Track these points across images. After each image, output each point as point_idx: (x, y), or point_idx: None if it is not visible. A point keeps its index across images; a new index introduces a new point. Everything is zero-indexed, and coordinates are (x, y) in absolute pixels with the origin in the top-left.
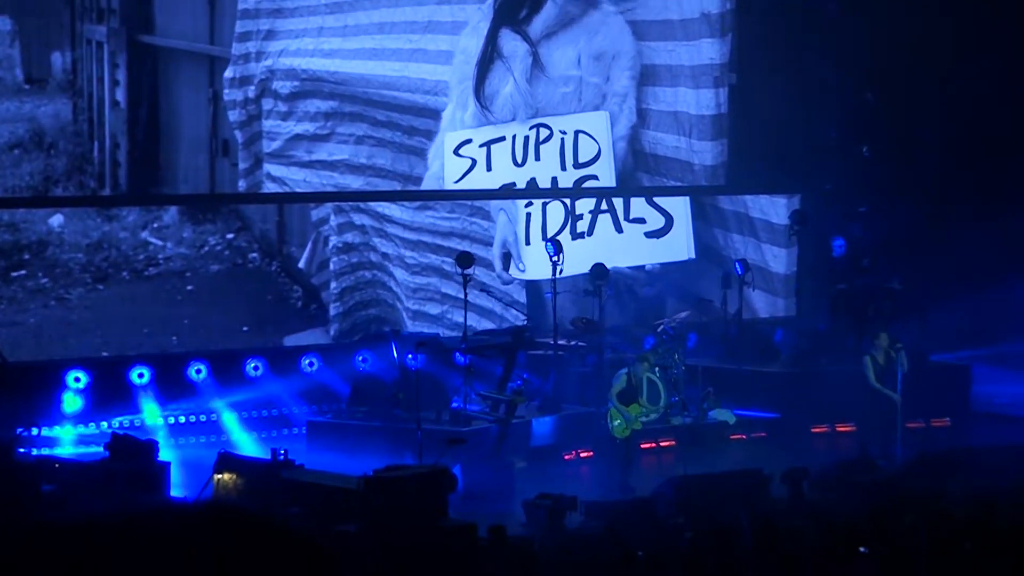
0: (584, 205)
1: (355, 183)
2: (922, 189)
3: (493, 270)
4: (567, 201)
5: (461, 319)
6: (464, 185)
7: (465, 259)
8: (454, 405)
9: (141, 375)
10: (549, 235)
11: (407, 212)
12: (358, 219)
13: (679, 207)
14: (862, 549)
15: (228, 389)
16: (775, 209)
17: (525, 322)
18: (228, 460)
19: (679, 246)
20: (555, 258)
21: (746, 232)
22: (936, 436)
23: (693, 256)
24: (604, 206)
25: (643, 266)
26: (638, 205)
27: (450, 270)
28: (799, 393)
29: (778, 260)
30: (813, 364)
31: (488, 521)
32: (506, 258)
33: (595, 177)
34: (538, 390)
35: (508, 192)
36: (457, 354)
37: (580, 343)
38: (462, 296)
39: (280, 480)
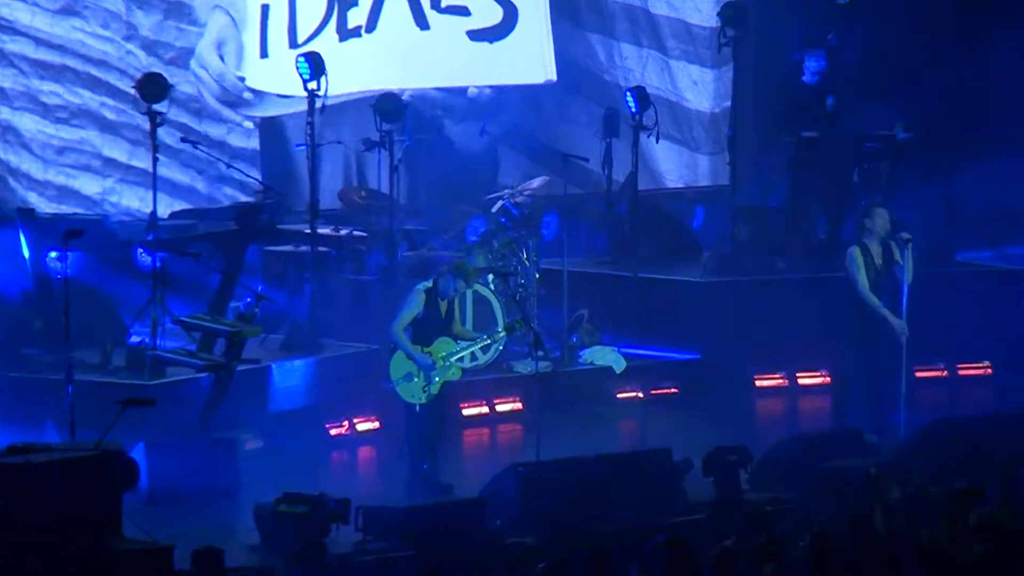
0: None
1: None
2: None
3: (199, 116)
4: None
5: (141, 202)
6: None
7: (153, 86)
8: (134, 339)
9: None
10: (302, 39)
11: (43, 18)
12: None
13: None
14: None
15: None
16: (694, 0)
17: (261, 195)
18: None
19: (528, 59)
20: (313, 84)
21: (645, 41)
22: (965, 392)
23: (553, 78)
24: None
25: (464, 90)
26: None
27: (117, 119)
28: (735, 318)
29: (700, 90)
30: (758, 267)
31: (195, 541)
32: (220, 82)
33: None
34: (283, 313)
35: None
36: (140, 251)
37: (357, 230)
38: (147, 159)
39: None
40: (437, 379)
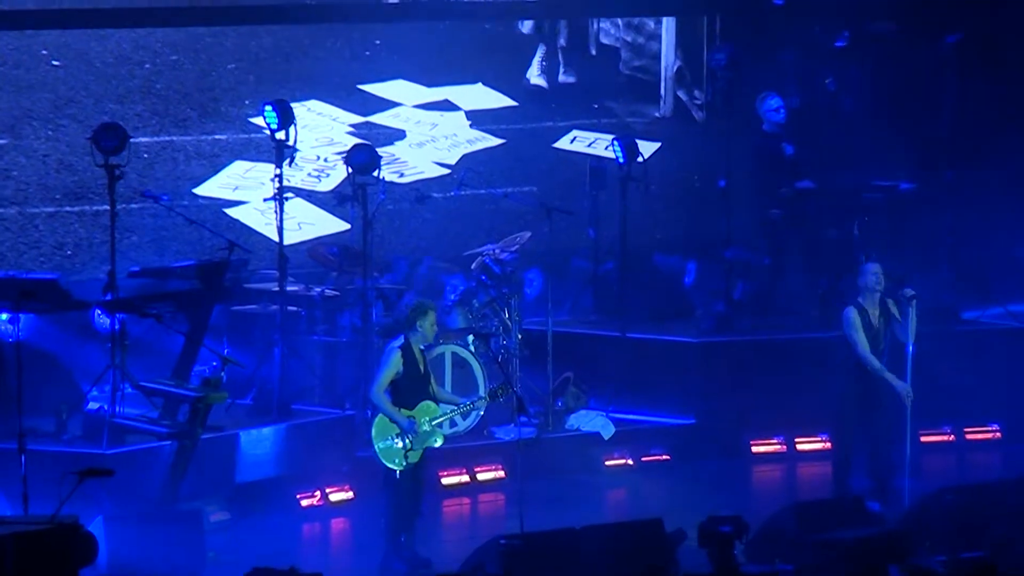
0: None
1: None
2: None
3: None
4: None
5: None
6: None
7: (111, 137)
8: (92, 406)
9: None
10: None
11: None
12: None
13: None
14: None
15: None
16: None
17: (226, 252)
18: None
19: None
20: (281, 134)
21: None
22: (973, 457)
23: None
24: None
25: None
26: None
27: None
28: (730, 380)
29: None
30: (753, 327)
31: None
32: None
33: None
34: (251, 377)
35: None
36: (98, 312)
37: (329, 289)
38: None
39: None
40: (419, 445)
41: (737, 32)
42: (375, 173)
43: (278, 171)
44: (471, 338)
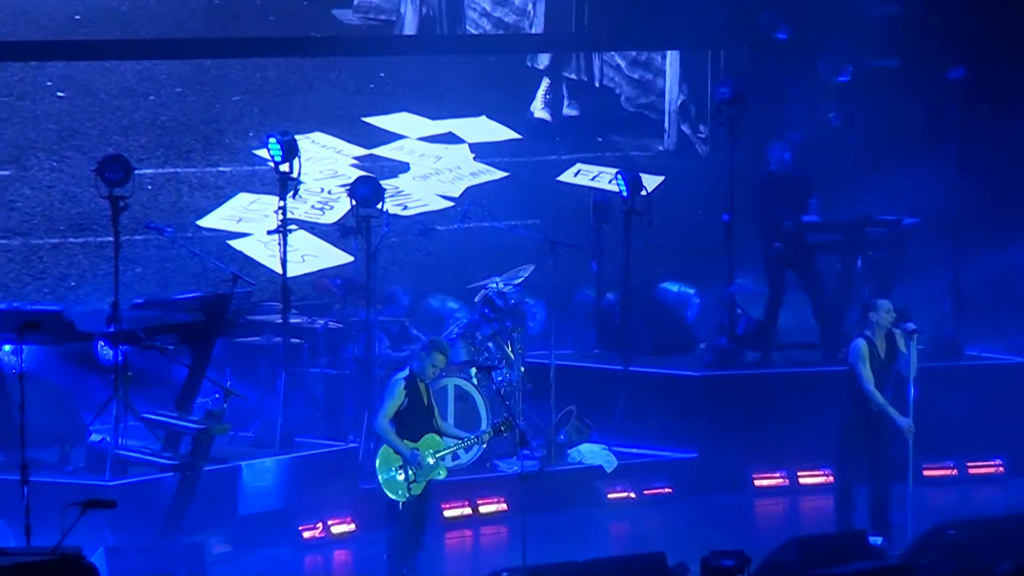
0: None
1: None
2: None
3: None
4: None
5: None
6: None
7: (116, 169)
8: (94, 437)
9: None
10: None
11: None
12: None
13: None
14: None
15: None
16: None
17: (229, 284)
18: None
19: None
20: (285, 166)
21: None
22: (976, 491)
23: None
24: None
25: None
26: None
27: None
28: (732, 414)
29: None
30: (756, 361)
31: None
32: None
33: None
34: (254, 410)
35: None
36: (101, 344)
37: (332, 321)
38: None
39: None
40: (423, 477)
41: (741, 67)
42: (379, 206)
43: (282, 203)
44: (474, 371)
